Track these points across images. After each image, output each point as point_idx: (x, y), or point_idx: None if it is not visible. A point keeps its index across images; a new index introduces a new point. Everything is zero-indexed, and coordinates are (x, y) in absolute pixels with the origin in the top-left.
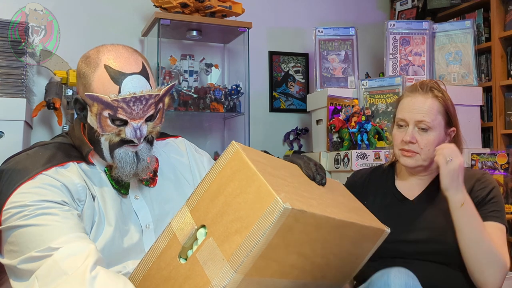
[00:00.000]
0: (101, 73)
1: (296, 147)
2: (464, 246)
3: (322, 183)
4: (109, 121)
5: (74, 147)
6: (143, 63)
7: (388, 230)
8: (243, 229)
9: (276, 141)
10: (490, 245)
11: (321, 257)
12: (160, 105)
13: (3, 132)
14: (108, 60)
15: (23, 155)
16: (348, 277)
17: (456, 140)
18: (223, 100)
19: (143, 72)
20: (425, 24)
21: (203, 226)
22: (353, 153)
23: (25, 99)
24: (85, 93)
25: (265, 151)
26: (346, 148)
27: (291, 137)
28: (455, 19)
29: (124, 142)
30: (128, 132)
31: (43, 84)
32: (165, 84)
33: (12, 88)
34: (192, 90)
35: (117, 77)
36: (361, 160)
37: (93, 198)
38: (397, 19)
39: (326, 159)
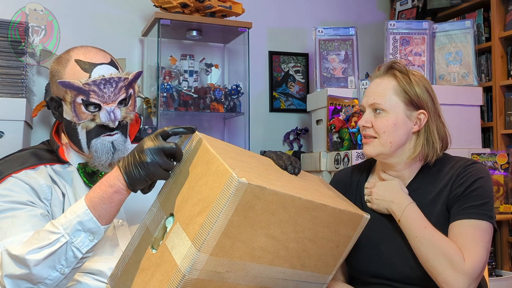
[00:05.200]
0: (72, 66)
1: (296, 147)
2: (415, 251)
3: (294, 172)
4: (83, 108)
5: (50, 151)
6: (111, 58)
7: (367, 216)
8: (204, 209)
9: (276, 141)
10: (441, 250)
11: (295, 241)
12: (131, 90)
13: (3, 132)
14: (78, 55)
15: (1, 161)
16: (331, 267)
17: (431, 126)
18: (223, 100)
19: (112, 64)
20: (425, 24)
21: (172, 214)
22: (353, 153)
23: (25, 99)
24: (57, 81)
25: (264, 151)
26: (346, 148)
27: (291, 137)
28: (455, 19)
29: (100, 128)
30: (102, 116)
31: (43, 84)
32: (165, 84)
33: (12, 88)
34: (192, 90)
35: (87, 67)
36: (361, 160)
37: (63, 195)
38: (397, 19)
39: (326, 159)
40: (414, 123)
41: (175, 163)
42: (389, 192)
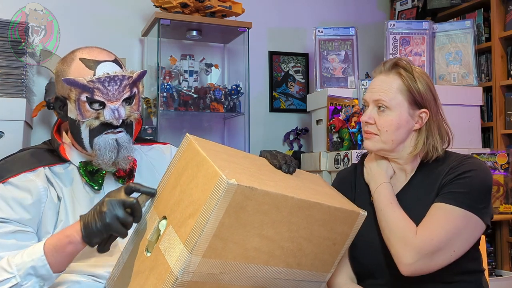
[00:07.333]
0: (76, 65)
1: (296, 147)
2: (379, 225)
3: (289, 171)
4: (87, 106)
5: (51, 151)
6: (115, 57)
7: (364, 213)
8: (195, 211)
9: (276, 141)
10: (397, 224)
11: (290, 241)
12: (135, 89)
13: (3, 132)
14: (82, 54)
15: (1, 162)
16: (328, 266)
17: (431, 124)
18: (223, 100)
19: (116, 62)
20: (425, 24)
21: (165, 217)
22: (353, 153)
23: (25, 99)
24: (62, 78)
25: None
26: (346, 148)
27: (291, 137)
28: (455, 19)
29: (104, 126)
30: (106, 114)
31: (43, 84)
32: (165, 84)
33: (12, 88)
34: (192, 90)
35: (92, 64)
36: None
37: (59, 199)
38: (397, 19)
39: (326, 159)
40: (416, 121)
41: (134, 223)
42: (374, 169)
